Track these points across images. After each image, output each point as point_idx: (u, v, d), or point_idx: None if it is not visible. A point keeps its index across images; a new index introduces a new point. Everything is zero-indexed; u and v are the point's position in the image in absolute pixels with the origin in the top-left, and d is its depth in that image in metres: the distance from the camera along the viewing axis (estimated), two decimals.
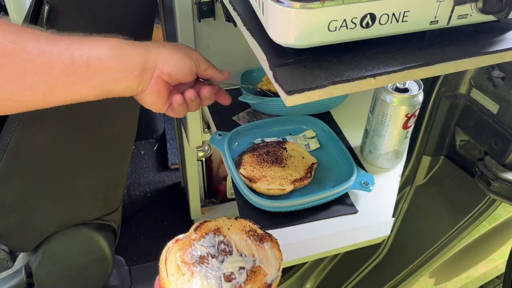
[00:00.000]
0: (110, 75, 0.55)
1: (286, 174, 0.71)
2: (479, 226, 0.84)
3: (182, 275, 0.49)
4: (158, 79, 0.59)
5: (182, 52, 0.61)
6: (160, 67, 0.58)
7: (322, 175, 0.74)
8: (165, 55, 0.59)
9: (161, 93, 0.60)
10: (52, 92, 0.52)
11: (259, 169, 0.71)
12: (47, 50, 0.50)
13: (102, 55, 0.53)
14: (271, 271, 0.50)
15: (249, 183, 0.69)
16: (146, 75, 0.58)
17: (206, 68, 0.64)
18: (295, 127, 0.82)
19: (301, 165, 0.73)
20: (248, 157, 0.74)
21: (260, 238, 0.54)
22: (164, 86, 0.60)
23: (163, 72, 0.58)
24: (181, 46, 0.62)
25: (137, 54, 0.57)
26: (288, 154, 0.75)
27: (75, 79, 0.52)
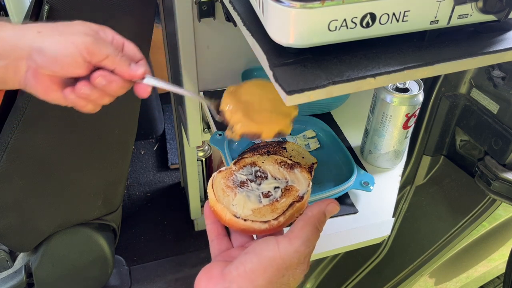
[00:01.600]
0: None
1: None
2: (479, 226, 0.84)
3: (227, 196, 0.55)
4: (36, 73, 0.49)
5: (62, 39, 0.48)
6: (34, 58, 0.48)
7: (322, 175, 0.74)
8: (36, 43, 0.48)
9: (48, 88, 0.50)
10: None
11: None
12: None
13: None
14: (302, 188, 0.56)
15: None
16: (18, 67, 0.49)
17: (102, 59, 0.49)
18: (295, 127, 0.82)
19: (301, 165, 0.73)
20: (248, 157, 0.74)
21: (290, 166, 0.61)
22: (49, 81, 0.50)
23: (39, 64, 0.48)
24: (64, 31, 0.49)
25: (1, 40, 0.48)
26: (288, 154, 0.75)
27: None
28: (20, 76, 0.49)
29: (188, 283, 1.29)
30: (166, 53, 1.24)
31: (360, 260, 1.05)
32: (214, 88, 0.98)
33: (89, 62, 0.49)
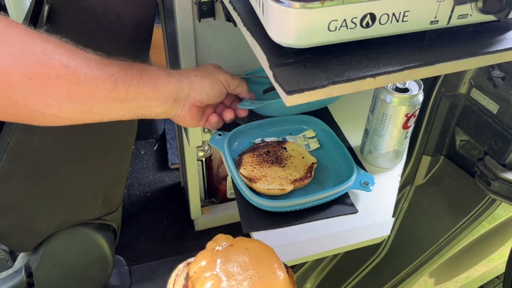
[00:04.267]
0: (146, 102, 0.60)
1: (286, 174, 0.71)
2: (479, 226, 0.84)
3: None
4: (191, 106, 0.65)
5: (212, 78, 0.67)
6: (193, 96, 0.65)
7: (322, 175, 0.74)
8: (197, 85, 0.65)
9: (194, 116, 0.67)
10: (92, 113, 0.57)
11: (259, 169, 0.71)
12: (94, 75, 0.54)
13: (141, 84, 0.58)
14: None
15: (249, 183, 0.69)
16: (180, 104, 0.64)
17: (235, 87, 0.71)
18: (295, 127, 0.82)
19: (301, 165, 0.73)
20: (248, 157, 0.74)
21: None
22: (197, 110, 0.67)
23: (196, 100, 0.65)
24: (210, 72, 0.68)
25: (171, 84, 0.62)
26: (288, 154, 0.75)
27: (114, 104, 0.57)
28: (178, 110, 0.65)
29: None
30: (166, 53, 1.24)
31: (360, 260, 1.05)
32: None
33: (226, 92, 0.70)
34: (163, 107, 0.63)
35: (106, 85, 0.55)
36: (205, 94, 0.66)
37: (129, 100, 0.58)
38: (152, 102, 0.61)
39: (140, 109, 0.60)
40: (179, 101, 0.64)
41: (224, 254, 0.51)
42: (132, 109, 0.60)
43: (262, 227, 0.66)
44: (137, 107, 0.60)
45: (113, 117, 0.59)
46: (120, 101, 0.57)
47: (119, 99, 0.57)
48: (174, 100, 0.63)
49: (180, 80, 0.63)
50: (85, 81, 0.53)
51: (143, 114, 0.61)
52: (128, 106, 0.59)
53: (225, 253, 0.51)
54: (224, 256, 0.50)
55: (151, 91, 0.60)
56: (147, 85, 0.59)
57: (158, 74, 0.61)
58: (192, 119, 0.67)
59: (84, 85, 0.53)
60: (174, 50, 0.99)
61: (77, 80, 0.53)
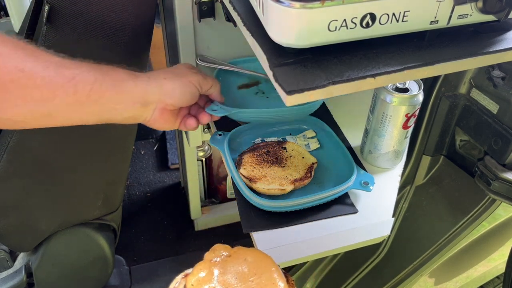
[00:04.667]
0: (110, 106, 0.57)
1: (286, 174, 0.71)
2: (479, 226, 0.84)
3: None
4: (162, 109, 0.62)
5: (183, 80, 0.63)
6: (163, 99, 0.61)
7: (322, 175, 0.74)
8: (167, 88, 0.61)
9: (167, 119, 0.64)
10: (51, 117, 0.54)
11: (259, 169, 0.71)
12: (52, 79, 0.52)
13: (104, 87, 0.55)
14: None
15: (249, 183, 0.69)
16: (149, 107, 0.61)
17: (208, 88, 0.68)
18: (295, 127, 0.82)
19: (301, 165, 0.73)
20: (248, 157, 0.74)
21: None
22: (170, 113, 0.64)
23: (167, 103, 0.62)
24: (181, 74, 0.64)
25: (138, 88, 0.59)
26: (288, 154, 0.75)
27: (76, 107, 0.55)
28: (148, 114, 0.62)
29: None
30: (166, 53, 1.24)
31: (360, 260, 1.05)
32: None
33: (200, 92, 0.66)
34: (130, 111, 0.59)
35: (66, 89, 0.52)
36: (177, 97, 0.62)
37: (91, 103, 0.55)
38: (117, 106, 0.58)
39: (104, 113, 0.58)
40: (147, 105, 0.60)
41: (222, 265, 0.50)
42: (95, 113, 0.57)
43: (262, 227, 0.66)
44: (100, 110, 0.57)
45: (75, 121, 0.57)
46: (81, 105, 0.55)
47: (80, 102, 0.54)
48: (141, 104, 0.60)
49: (147, 83, 0.60)
50: (42, 85, 0.51)
51: (108, 118, 0.59)
52: (90, 110, 0.56)
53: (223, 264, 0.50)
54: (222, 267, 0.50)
55: (115, 94, 0.57)
56: (110, 89, 0.56)
57: (123, 77, 0.58)
58: (165, 122, 0.64)
59: (41, 89, 0.51)
60: (174, 50, 0.99)
61: (33, 84, 0.50)
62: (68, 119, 0.56)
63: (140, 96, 0.59)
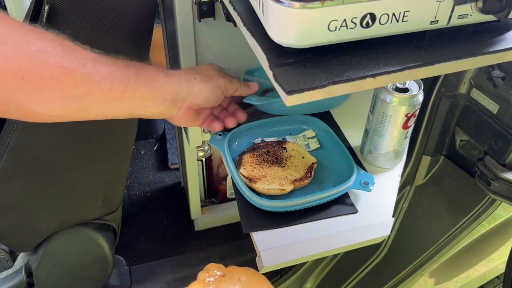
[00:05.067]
0: (142, 103, 0.59)
1: (286, 174, 0.71)
2: (479, 226, 0.84)
3: None
4: (188, 109, 0.65)
5: (211, 83, 0.65)
6: (190, 99, 0.63)
7: (322, 175, 0.74)
8: (195, 88, 0.63)
9: (190, 117, 0.66)
10: (87, 112, 0.56)
11: (259, 169, 0.72)
12: (90, 76, 0.53)
13: (138, 84, 0.57)
14: None
15: (249, 183, 0.69)
16: (176, 105, 0.63)
17: (234, 91, 0.70)
18: (295, 127, 0.82)
19: (301, 165, 0.73)
20: (248, 157, 0.74)
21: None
22: (193, 112, 0.67)
23: (193, 103, 0.64)
24: (210, 76, 0.66)
25: (169, 86, 0.61)
26: (288, 154, 0.75)
27: (110, 103, 0.56)
28: (174, 112, 0.64)
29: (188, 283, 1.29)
30: (166, 53, 1.24)
31: (360, 260, 1.05)
32: None
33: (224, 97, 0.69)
34: (159, 108, 0.62)
35: (102, 86, 0.54)
36: (204, 98, 0.65)
37: (125, 100, 0.57)
38: (148, 103, 0.60)
39: (135, 109, 0.59)
40: (176, 103, 0.63)
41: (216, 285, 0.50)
42: (127, 109, 0.59)
43: (262, 227, 0.66)
44: (132, 107, 0.59)
45: (108, 116, 0.59)
46: (116, 101, 0.56)
47: (115, 99, 0.56)
48: (170, 102, 0.62)
49: (179, 82, 0.62)
50: (80, 81, 0.52)
51: (138, 114, 0.61)
52: (123, 106, 0.58)
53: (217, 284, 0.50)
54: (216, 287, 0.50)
55: (148, 92, 0.59)
56: (144, 86, 0.58)
57: (156, 75, 0.60)
58: (187, 120, 0.67)
59: (79, 85, 0.52)
60: (174, 50, 0.99)
61: (72, 81, 0.51)
62: (101, 114, 0.58)
63: (171, 94, 0.61)
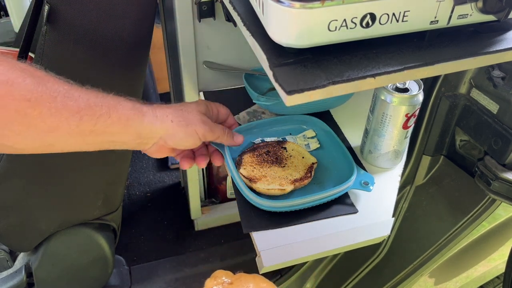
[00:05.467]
0: (111, 139, 0.57)
1: (286, 174, 0.71)
2: (479, 226, 0.84)
3: None
4: (161, 147, 0.63)
5: (188, 129, 0.62)
6: (164, 140, 0.61)
7: (322, 175, 0.74)
8: (170, 131, 0.61)
9: (164, 153, 0.65)
10: (53, 147, 0.54)
11: (259, 169, 0.71)
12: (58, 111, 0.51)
13: (109, 122, 0.55)
14: None
15: (249, 183, 0.69)
16: (149, 142, 0.61)
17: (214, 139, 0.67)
18: (295, 127, 0.82)
19: (301, 165, 0.73)
20: (248, 157, 0.74)
21: None
22: (168, 149, 0.65)
23: (167, 143, 0.62)
24: (189, 121, 0.63)
25: (142, 126, 0.59)
26: (288, 154, 0.75)
27: (78, 139, 0.54)
28: (146, 147, 0.62)
29: (188, 283, 1.29)
30: (166, 53, 1.24)
31: (360, 260, 1.05)
32: (214, 88, 0.98)
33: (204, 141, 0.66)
34: (130, 145, 0.60)
35: (70, 122, 0.52)
36: (177, 142, 0.62)
37: (94, 136, 0.55)
38: (119, 140, 0.58)
39: (104, 144, 0.58)
40: (148, 140, 0.61)
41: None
42: (95, 143, 0.57)
43: (262, 227, 0.66)
44: (101, 142, 0.57)
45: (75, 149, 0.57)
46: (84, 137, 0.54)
47: (83, 135, 0.54)
48: (143, 140, 0.60)
49: (153, 123, 0.59)
50: (47, 116, 0.50)
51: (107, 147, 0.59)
52: (91, 141, 0.56)
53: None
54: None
55: (119, 130, 0.57)
56: (115, 124, 0.56)
57: (129, 114, 0.57)
58: (161, 154, 0.65)
59: (46, 120, 0.50)
60: (174, 50, 1.00)
61: (38, 115, 0.49)
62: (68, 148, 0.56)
63: (144, 134, 0.59)
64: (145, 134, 0.59)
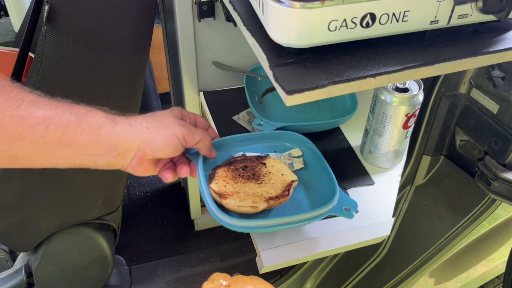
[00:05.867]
0: (83, 152, 0.53)
1: (261, 191, 0.64)
2: (479, 226, 0.84)
3: None
4: (141, 159, 0.58)
5: (165, 133, 0.57)
6: (142, 149, 0.56)
7: (302, 197, 0.67)
8: (147, 138, 0.56)
9: (146, 168, 0.60)
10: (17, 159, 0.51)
11: (232, 184, 0.65)
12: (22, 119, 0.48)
13: (78, 132, 0.51)
14: None
15: (219, 199, 0.63)
16: (126, 156, 0.56)
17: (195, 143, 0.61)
18: (281, 144, 0.76)
19: (279, 183, 0.66)
20: (223, 171, 0.67)
21: None
22: (149, 163, 0.60)
23: (146, 153, 0.57)
24: (165, 125, 0.58)
25: (115, 136, 0.54)
26: (267, 170, 0.68)
27: (44, 151, 0.51)
28: (125, 162, 0.57)
29: (188, 283, 1.29)
30: (166, 53, 1.24)
31: (360, 260, 1.05)
32: (214, 88, 0.98)
33: (183, 148, 0.60)
34: (105, 159, 0.55)
35: (35, 131, 0.48)
36: (157, 149, 0.57)
37: (62, 148, 0.51)
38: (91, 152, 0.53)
39: (76, 158, 0.53)
40: (125, 154, 0.56)
41: None
42: (66, 158, 0.52)
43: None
44: (72, 156, 0.52)
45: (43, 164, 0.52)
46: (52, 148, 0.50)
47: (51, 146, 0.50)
48: (118, 153, 0.55)
49: (127, 131, 0.55)
50: (9, 125, 0.47)
51: (80, 164, 0.54)
52: (61, 154, 0.52)
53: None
54: None
55: (90, 140, 0.52)
56: (85, 134, 0.52)
57: (100, 122, 0.53)
58: (143, 170, 0.60)
59: (8, 130, 0.47)
60: (174, 50, 1.00)
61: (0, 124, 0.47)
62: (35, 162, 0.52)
63: (118, 144, 0.55)
64: (120, 145, 0.55)
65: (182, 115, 0.63)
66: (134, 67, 0.88)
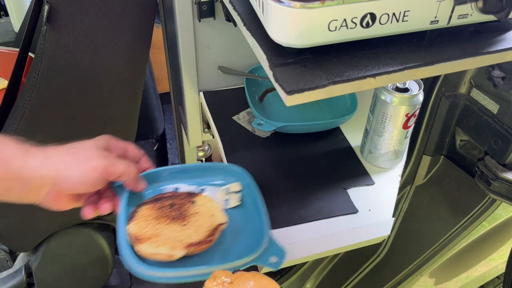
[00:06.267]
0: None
1: (183, 236, 0.57)
2: (479, 226, 0.84)
3: None
4: (58, 194, 0.53)
5: (84, 167, 0.53)
6: (58, 185, 0.52)
7: (230, 241, 0.60)
8: (63, 173, 0.52)
9: (65, 203, 0.55)
10: None
11: (154, 225, 0.58)
12: None
13: None
14: None
15: (134, 242, 0.56)
16: (39, 191, 0.52)
17: (119, 176, 0.56)
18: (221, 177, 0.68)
19: (205, 225, 0.59)
20: (147, 209, 0.59)
21: None
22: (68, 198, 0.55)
23: (63, 188, 0.53)
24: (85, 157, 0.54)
25: (27, 169, 0.50)
26: (195, 209, 0.61)
27: None
28: (39, 197, 0.53)
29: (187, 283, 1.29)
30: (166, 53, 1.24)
31: (360, 260, 1.05)
32: (214, 88, 0.98)
33: (107, 180, 0.55)
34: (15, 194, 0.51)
35: None
36: (74, 184, 0.52)
37: None
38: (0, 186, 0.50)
39: None
40: (37, 189, 0.52)
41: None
42: None
43: None
44: None
45: None
46: None
47: None
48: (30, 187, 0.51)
49: (40, 164, 0.51)
50: None
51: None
52: None
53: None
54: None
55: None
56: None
57: (12, 154, 0.50)
58: (63, 205, 0.55)
59: None
60: (174, 50, 0.99)
61: None
62: None
63: (29, 178, 0.50)
64: (30, 179, 0.50)
65: (108, 145, 0.58)
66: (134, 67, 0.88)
